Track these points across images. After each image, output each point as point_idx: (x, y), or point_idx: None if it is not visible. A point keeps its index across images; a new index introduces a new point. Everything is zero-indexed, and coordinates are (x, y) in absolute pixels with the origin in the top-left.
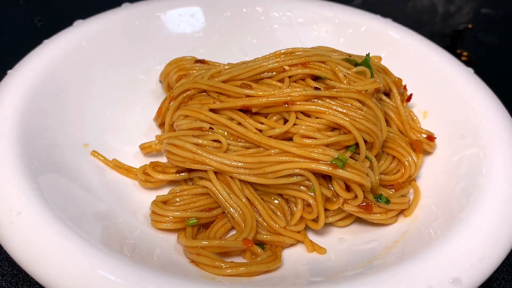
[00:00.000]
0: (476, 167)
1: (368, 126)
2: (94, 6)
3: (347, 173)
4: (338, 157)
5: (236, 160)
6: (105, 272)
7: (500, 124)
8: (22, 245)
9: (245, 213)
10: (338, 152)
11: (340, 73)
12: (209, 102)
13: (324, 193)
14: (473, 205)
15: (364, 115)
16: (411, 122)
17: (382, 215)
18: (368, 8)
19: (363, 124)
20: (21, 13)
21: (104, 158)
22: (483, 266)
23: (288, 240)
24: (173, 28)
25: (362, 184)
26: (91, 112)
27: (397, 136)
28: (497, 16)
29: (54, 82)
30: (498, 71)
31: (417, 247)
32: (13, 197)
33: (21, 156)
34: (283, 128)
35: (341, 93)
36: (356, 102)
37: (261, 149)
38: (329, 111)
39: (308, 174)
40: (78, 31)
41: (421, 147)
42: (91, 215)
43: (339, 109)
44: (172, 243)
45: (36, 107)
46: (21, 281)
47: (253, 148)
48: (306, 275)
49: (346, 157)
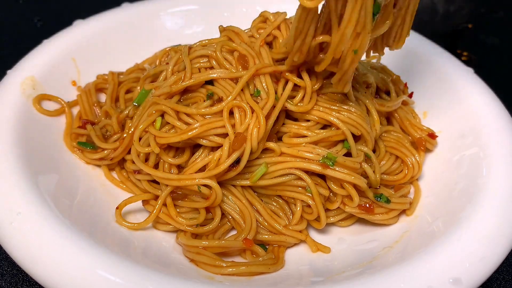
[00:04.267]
0: (476, 167)
1: (354, 119)
2: (93, 6)
3: (338, 173)
4: (327, 155)
5: None
6: (105, 272)
7: (500, 124)
8: (22, 245)
9: (244, 212)
10: (327, 151)
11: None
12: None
13: (321, 192)
14: (473, 205)
15: (348, 109)
16: (412, 120)
17: (384, 215)
18: None
19: (350, 118)
20: (20, 13)
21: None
22: (483, 266)
23: (290, 240)
24: (173, 28)
25: (355, 184)
26: None
27: (401, 136)
28: (497, 16)
29: (54, 82)
30: (498, 71)
31: (417, 247)
32: (13, 197)
33: (21, 156)
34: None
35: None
36: (340, 96)
37: None
38: (316, 108)
39: (301, 174)
40: (78, 31)
41: (424, 145)
42: (91, 215)
43: (325, 105)
44: (172, 243)
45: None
46: (21, 281)
47: None
48: (306, 275)
49: (334, 156)
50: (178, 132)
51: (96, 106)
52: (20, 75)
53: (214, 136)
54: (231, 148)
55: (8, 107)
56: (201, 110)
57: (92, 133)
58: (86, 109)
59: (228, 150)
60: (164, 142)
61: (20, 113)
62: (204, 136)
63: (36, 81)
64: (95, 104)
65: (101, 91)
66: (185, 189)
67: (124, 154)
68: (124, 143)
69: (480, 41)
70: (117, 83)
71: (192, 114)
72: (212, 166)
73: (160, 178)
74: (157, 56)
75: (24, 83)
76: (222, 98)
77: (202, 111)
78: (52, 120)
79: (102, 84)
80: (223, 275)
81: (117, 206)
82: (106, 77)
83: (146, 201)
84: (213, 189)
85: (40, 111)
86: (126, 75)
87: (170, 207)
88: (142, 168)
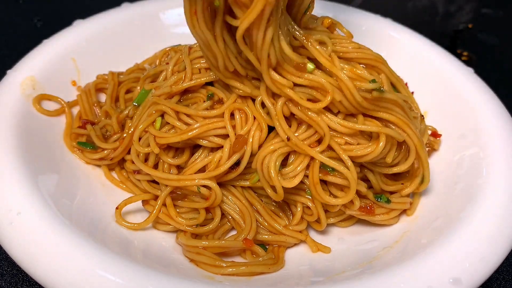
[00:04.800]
0: (476, 167)
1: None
2: (93, 6)
3: (339, 179)
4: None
5: None
6: (105, 272)
7: (500, 124)
8: (22, 245)
9: (244, 212)
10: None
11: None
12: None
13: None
14: (473, 205)
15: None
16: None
17: (384, 215)
18: (368, 8)
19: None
20: (20, 13)
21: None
22: (483, 266)
23: (290, 240)
24: (173, 28)
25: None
26: None
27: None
28: (497, 16)
29: (54, 82)
30: (498, 71)
31: (417, 247)
32: (13, 197)
33: (21, 156)
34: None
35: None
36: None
37: None
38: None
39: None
40: (78, 31)
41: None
42: (91, 215)
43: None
44: (171, 243)
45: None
46: (21, 281)
47: None
48: (306, 275)
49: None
50: (178, 132)
51: (96, 106)
52: (20, 75)
53: (214, 137)
54: (232, 150)
55: (8, 107)
56: (202, 112)
57: (92, 133)
58: (86, 109)
59: (228, 151)
60: (164, 142)
61: (20, 113)
62: (204, 136)
63: (36, 81)
64: (95, 104)
65: (101, 91)
66: (184, 190)
67: (124, 154)
68: (124, 143)
69: (480, 41)
70: (117, 83)
71: (192, 115)
72: (212, 167)
73: (159, 178)
74: (157, 56)
75: (24, 83)
76: (222, 100)
77: (203, 113)
78: (52, 120)
79: (102, 84)
80: (223, 275)
81: (117, 206)
82: (106, 77)
83: (146, 201)
84: (212, 190)
85: (40, 111)
86: (126, 75)
87: (170, 207)
88: (142, 168)
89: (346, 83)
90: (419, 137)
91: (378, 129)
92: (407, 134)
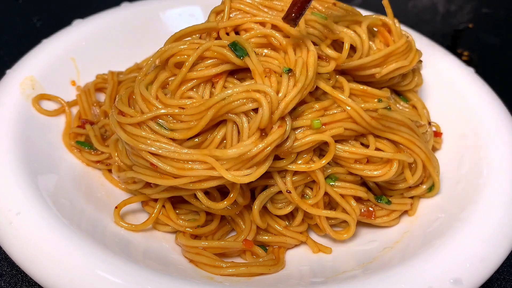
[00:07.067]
0: (476, 167)
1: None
2: (93, 6)
3: (340, 188)
4: (329, 175)
5: None
6: (104, 272)
7: (501, 124)
8: (21, 245)
9: (244, 213)
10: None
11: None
12: None
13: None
14: (474, 205)
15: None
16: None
17: (385, 217)
18: (368, 8)
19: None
20: (20, 13)
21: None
22: (484, 267)
23: (291, 241)
24: (173, 28)
25: (357, 196)
26: None
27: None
28: (498, 16)
29: (53, 82)
30: (499, 71)
31: (418, 247)
32: (12, 197)
33: (21, 156)
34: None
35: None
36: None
37: None
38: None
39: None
40: (77, 31)
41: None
42: (91, 215)
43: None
44: (171, 243)
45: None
46: (20, 281)
47: None
48: (306, 275)
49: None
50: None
51: (95, 106)
52: (20, 74)
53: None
54: None
55: (8, 107)
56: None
57: (91, 133)
58: (85, 108)
59: None
60: None
61: (20, 113)
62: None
63: (35, 80)
64: (95, 103)
65: (101, 91)
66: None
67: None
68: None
69: (480, 41)
70: (116, 83)
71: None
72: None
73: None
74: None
75: (24, 83)
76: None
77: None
78: (52, 120)
79: (102, 83)
80: (222, 276)
81: (116, 206)
82: (105, 76)
83: (145, 202)
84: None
85: (40, 111)
86: (125, 75)
87: (169, 209)
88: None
89: (354, 107)
90: (427, 152)
91: (392, 156)
92: (414, 151)
